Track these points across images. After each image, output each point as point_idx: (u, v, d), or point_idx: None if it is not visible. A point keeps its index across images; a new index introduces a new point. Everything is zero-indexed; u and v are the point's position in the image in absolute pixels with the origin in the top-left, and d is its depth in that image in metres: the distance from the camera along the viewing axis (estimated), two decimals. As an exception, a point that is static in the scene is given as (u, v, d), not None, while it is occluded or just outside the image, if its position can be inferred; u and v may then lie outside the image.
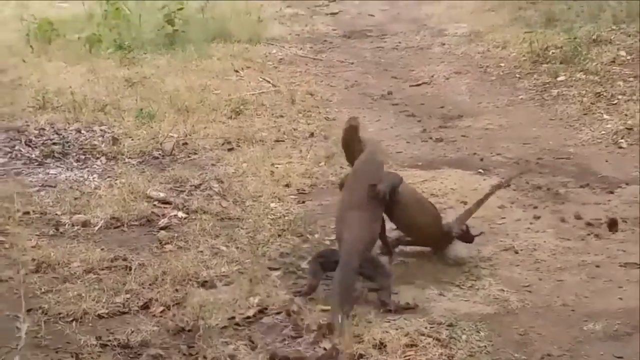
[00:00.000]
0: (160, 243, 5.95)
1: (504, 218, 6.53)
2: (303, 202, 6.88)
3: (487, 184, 7.12)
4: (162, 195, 6.76)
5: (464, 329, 4.92)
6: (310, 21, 14.30)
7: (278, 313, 5.04)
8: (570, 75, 9.98)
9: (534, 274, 5.65)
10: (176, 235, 6.08)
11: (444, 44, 12.47)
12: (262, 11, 14.20)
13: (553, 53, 10.81)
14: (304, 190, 7.12)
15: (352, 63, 11.84)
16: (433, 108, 9.61)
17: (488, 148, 8.16)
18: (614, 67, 9.98)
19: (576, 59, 10.33)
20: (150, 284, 5.31)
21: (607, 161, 7.71)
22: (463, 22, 13.35)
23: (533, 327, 5.01)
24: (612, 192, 6.97)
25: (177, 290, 5.25)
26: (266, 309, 5.08)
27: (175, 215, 6.42)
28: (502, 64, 11.00)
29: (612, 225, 6.22)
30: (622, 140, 8.10)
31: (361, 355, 4.61)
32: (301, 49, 12.54)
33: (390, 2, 15.38)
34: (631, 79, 9.54)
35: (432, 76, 10.93)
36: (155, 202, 6.63)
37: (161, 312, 5.04)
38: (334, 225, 5.60)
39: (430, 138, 8.54)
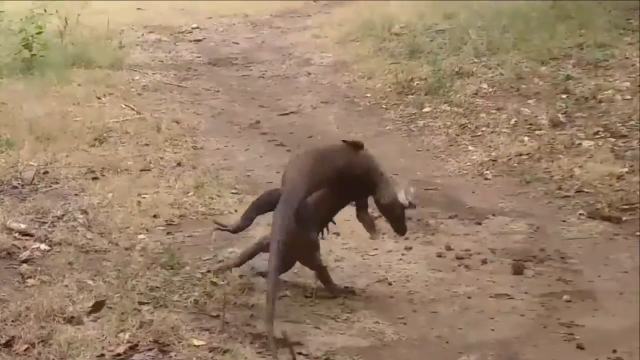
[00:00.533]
0: (22, 277, 5.63)
1: (377, 249, 6.52)
2: (172, 233, 6.68)
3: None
4: (23, 226, 6.42)
5: (341, 363, 4.86)
6: (174, 48, 14.11)
7: (149, 349, 4.83)
8: (435, 107, 10.13)
9: (408, 306, 5.65)
10: (39, 268, 5.76)
11: (310, 74, 12.49)
12: (124, 37, 13.93)
13: (418, 84, 10.97)
14: (173, 221, 6.93)
15: (218, 91, 11.72)
16: (302, 137, 9.58)
17: (358, 178, 8.14)
18: (477, 100, 10.19)
19: (440, 90, 10.50)
20: (12, 321, 5.00)
21: (473, 192, 7.83)
22: (328, 52, 13.42)
23: (409, 359, 4.98)
24: (479, 223, 7.07)
25: (42, 326, 4.95)
26: (137, 345, 4.87)
27: (37, 248, 6.10)
28: (369, 95, 11.09)
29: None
30: (487, 172, 8.26)
31: (237, 393, 4.47)
32: (165, 76, 12.34)
33: (254, 30, 15.36)
34: (494, 111, 9.76)
35: (300, 105, 10.92)
36: (16, 234, 6.29)
37: (25, 350, 4.75)
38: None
39: (301, 168, 8.47)
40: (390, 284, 5.96)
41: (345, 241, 6.67)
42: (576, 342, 5.17)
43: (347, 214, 6.97)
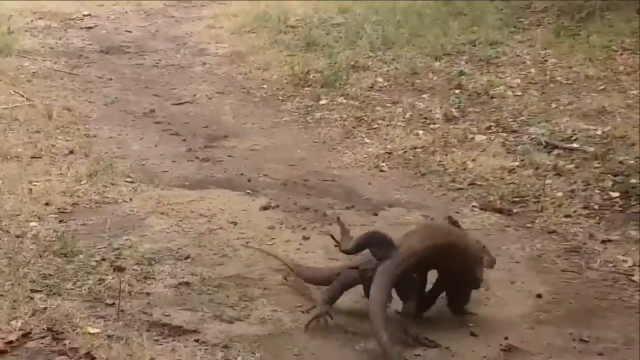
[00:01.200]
0: None
1: (274, 239, 6.51)
2: (65, 221, 6.53)
3: (256, 205, 7.12)
4: None
5: (239, 351, 4.84)
6: (64, 35, 13.79)
7: (43, 337, 4.71)
8: (332, 99, 10.17)
9: (306, 294, 5.65)
10: None
11: (205, 64, 12.38)
12: (12, 22, 13.54)
13: (314, 77, 10.99)
14: (66, 209, 6.78)
15: (111, 79, 11.51)
16: (197, 127, 9.49)
17: (255, 169, 8.14)
18: (373, 93, 10.28)
19: (337, 83, 10.55)
20: None
21: (370, 184, 7.88)
22: (224, 43, 13.34)
23: (307, 347, 5.00)
24: (376, 214, 7.12)
25: None
26: (30, 332, 4.74)
27: None
28: (265, 86, 11.06)
29: None
30: (383, 164, 8.33)
31: (135, 380, 4.40)
32: (56, 63, 12.05)
33: (147, 18, 15.14)
34: (389, 104, 9.85)
35: (195, 95, 10.82)
36: None
37: None
38: None
39: (197, 157, 8.42)
40: (287, 272, 5.94)
41: (243, 231, 6.63)
42: (470, 330, 5.26)
43: (243, 204, 6.99)
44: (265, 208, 7.10)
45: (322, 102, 10.18)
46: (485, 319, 5.41)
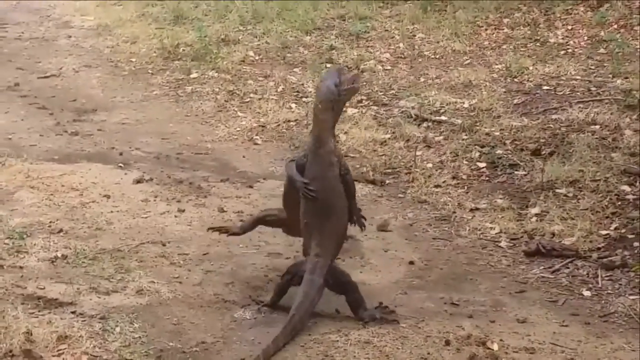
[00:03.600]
0: None
1: (149, 212, 6.46)
2: None
3: (129, 178, 7.04)
4: None
5: (117, 321, 4.82)
6: None
7: None
8: (203, 73, 10.10)
9: (183, 266, 5.63)
10: None
11: (70, 37, 12.11)
12: None
13: (184, 50, 10.91)
14: None
15: (-28, 52, 11.12)
16: (65, 101, 9.29)
17: (126, 142, 8.03)
18: (245, 67, 10.27)
19: (207, 57, 10.48)
20: None
21: (244, 157, 7.89)
22: (89, 15, 13.09)
23: (185, 316, 5.00)
24: (251, 187, 7.13)
25: None
26: None
27: None
28: (134, 59, 10.88)
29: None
30: (257, 137, 8.34)
31: (10, 352, 4.30)
32: None
33: (9, -10, 14.67)
34: (261, 78, 9.86)
35: (61, 69, 10.57)
36: None
37: None
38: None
39: (65, 131, 8.25)
40: (164, 244, 5.91)
41: (116, 204, 6.54)
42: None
43: (115, 178, 6.90)
44: (138, 181, 7.02)
45: (193, 75, 10.11)
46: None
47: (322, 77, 5.37)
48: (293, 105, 9.03)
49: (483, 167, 7.35)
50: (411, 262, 5.89)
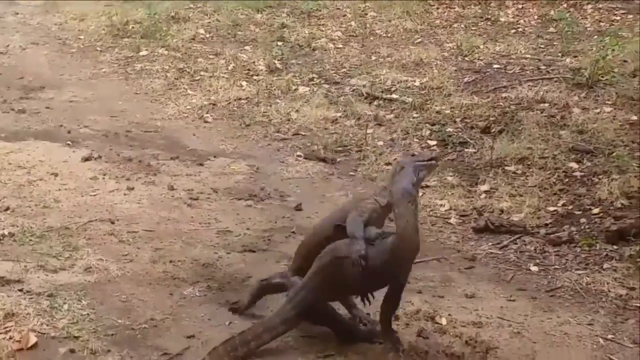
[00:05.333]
0: None
1: (98, 189, 6.39)
2: None
3: (77, 156, 6.97)
4: None
5: (65, 299, 4.76)
6: None
7: None
8: (153, 51, 10.01)
9: (132, 243, 5.58)
10: None
11: (17, 14, 11.92)
12: None
13: (133, 28, 10.80)
14: None
15: None
16: (12, 79, 9.15)
17: (75, 120, 7.94)
18: (195, 45, 10.19)
19: (157, 34, 10.40)
20: None
21: (194, 135, 7.84)
22: (35, -7, 12.88)
23: (134, 294, 4.95)
24: (201, 164, 7.09)
25: None
26: None
27: None
28: (82, 37, 10.75)
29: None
30: (208, 115, 8.29)
31: (-45, 332, 4.25)
32: None
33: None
34: (211, 56, 9.80)
35: (8, 46, 10.41)
36: None
37: None
38: None
39: (12, 109, 8.13)
40: (113, 222, 5.85)
41: (64, 182, 6.47)
42: (297, 273, 5.33)
43: (63, 156, 6.81)
44: (86, 159, 6.94)
45: (143, 53, 10.01)
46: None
47: (396, 178, 4.41)
48: (244, 83, 8.98)
49: (433, 145, 7.39)
50: (361, 238, 5.88)
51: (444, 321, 4.84)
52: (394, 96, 8.39)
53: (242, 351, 4.29)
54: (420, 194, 6.55)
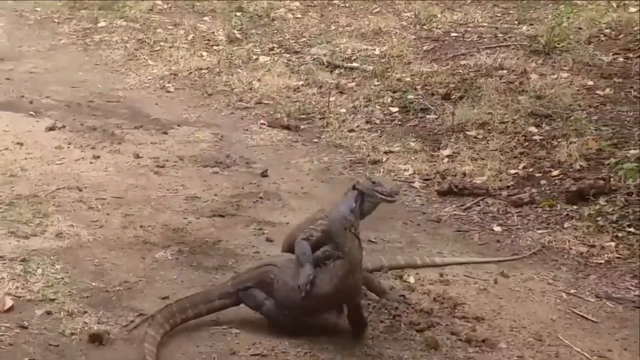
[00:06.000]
0: None
1: (64, 158, 6.41)
2: None
3: (41, 126, 6.96)
4: None
5: (39, 263, 4.79)
6: None
7: None
8: (111, 22, 10.00)
9: (102, 210, 5.62)
10: None
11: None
12: None
13: None
14: None
15: None
16: (-33, 52, 9.09)
17: (36, 91, 7.93)
18: (153, 16, 10.19)
19: (114, 6, 10.38)
20: None
21: (157, 104, 7.86)
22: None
23: (107, 258, 5.00)
24: (166, 133, 7.12)
25: None
26: None
27: None
28: (39, 9, 10.69)
29: None
30: (169, 85, 8.32)
31: None
32: None
33: None
34: (170, 27, 9.80)
35: (-37, 18, 10.30)
36: None
37: None
38: None
39: (-27, 80, 8.09)
40: (81, 190, 5.88)
41: (30, 151, 6.47)
42: (265, 236, 5.42)
43: (27, 126, 6.81)
44: (51, 129, 6.94)
45: (101, 24, 9.98)
46: (279, 225, 5.58)
47: (338, 201, 4.41)
48: (204, 53, 9.01)
49: (395, 112, 7.49)
50: (327, 205, 5.98)
51: (411, 279, 4.95)
52: (355, 64, 8.47)
53: (180, 318, 4.29)
54: (384, 158, 6.68)
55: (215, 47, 9.17)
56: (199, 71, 8.58)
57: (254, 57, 8.84)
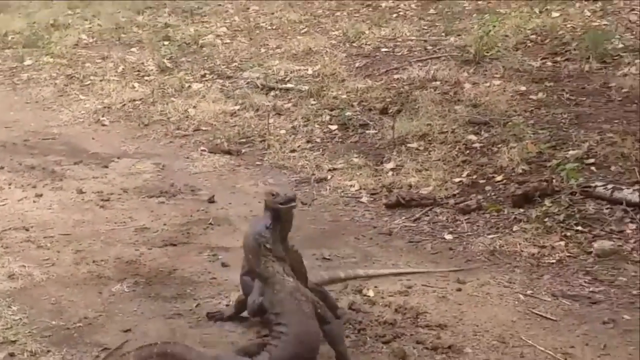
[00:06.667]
0: None
1: (6, 199, 6.33)
2: None
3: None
4: None
5: (-4, 306, 4.69)
6: None
7: None
8: (37, 59, 9.88)
9: (51, 248, 5.54)
10: None
11: None
12: None
13: (13, 38, 10.63)
14: None
15: None
16: None
17: (-33, 132, 7.77)
18: (80, 50, 10.11)
19: (39, 43, 10.25)
20: None
21: (93, 139, 7.78)
22: None
23: (63, 295, 4.93)
24: (106, 167, 7.05)
25: None
26: None
27: None
28: (-41, 51, 10.51)
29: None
30: (104, 118, 8.24)
31: None
32: None
33: None
34: (99, 60, 9.73)
35: None
36: None
37: None
38: None
39: None
40: (27, 229, 5.78)
41: (-31, 194, 6.35)
42: (220, 261, 5.40)
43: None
44: (-11, 171, 6.82)
45: (27, 62, 9.87)
46: (232, 251, 5.55)
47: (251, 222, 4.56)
48: (136, 84, 8.96)
49: (335, 129, 7.54)
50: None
51: (371, 293, 4.98)
52: (290, 85, 8.51)
53: None
54: (329, 176, 6.71)
55: (146, 78, 9.12)
56: (132, 102, 8.52)
57: (187, 84, 8.81)
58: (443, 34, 9.44)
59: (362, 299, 4.92)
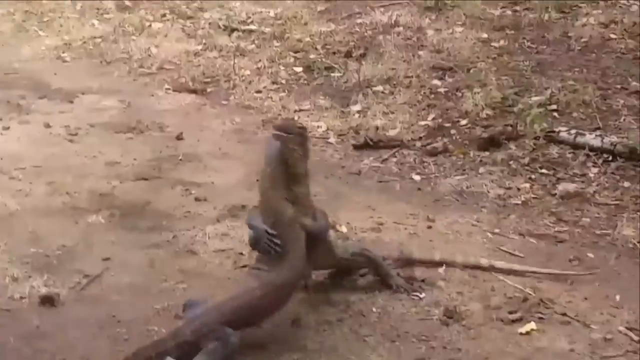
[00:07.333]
0: None
1: (-30, 131, 6.25)
2: None
3: None
4: None
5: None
6: None
7: None
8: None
9: (24, 179, 5.56)
10: None
11: None
12: None
13: (-33, -28, 10.35)
14: None
15: None
16: None
17: None
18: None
19: (-6, -22, 10.02)
20: None
21: (56, 74, 7.70)
22: None
23: (39, 225, 4.96)
24: (71, 102, 7.02)
25: None
26: None
27: None
28: None
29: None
30: (65, 55, 8.16)
31: None
32: None
33: None
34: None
35: None
36: None
37: None
38: None
39: None
40: (-1, 159, 5.78)
41: None
42: (194, 196, 5.44)
43: None
44: (-48, 104, 6.73)
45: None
46: (205, 187, 5.61)
47: None
48: (95, 22, 8.88)
49: (300, 72, 7.58)
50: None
51: (344, 229, 5.08)
52: (252, 27, 8.51)
53: None
54: (296, 117, 6.77)
55: (106, 16, 9.03)
56: (93, 40, 8.44)
57: (147, 24, 8.74)
58: (405, -21, 9.49)
59: (336, 234, 5.00)
